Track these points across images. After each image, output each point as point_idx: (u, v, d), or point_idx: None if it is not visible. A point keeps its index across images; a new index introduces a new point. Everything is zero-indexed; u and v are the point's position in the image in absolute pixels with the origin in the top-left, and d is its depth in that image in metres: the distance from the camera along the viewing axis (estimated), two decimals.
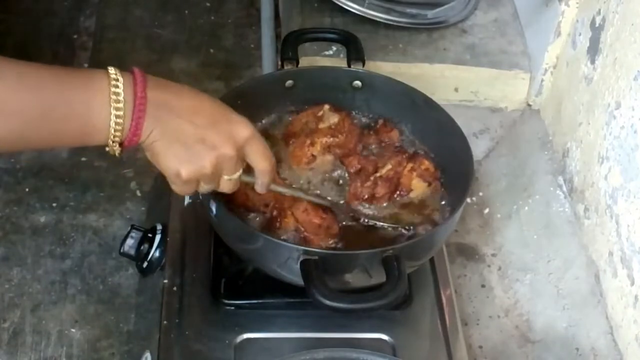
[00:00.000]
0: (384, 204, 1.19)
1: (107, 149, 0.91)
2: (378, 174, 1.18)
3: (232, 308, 1.17)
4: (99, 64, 1.83)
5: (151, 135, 0.91)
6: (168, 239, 1.25)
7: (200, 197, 1.16)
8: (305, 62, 1.43)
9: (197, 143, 0.93)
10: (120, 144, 0.91)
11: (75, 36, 1.91)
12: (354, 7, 1.66)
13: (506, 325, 1.36)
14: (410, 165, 1.20)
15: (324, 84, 1.24)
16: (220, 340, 1.13)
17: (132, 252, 1.29)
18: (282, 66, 1.31)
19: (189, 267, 1.21)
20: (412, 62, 1.63)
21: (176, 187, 0.96)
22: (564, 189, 1.46)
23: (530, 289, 1.39)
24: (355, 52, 1.32)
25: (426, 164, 1.20)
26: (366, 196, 1.17)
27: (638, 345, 1.20)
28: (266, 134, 1.23)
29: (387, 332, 1.15)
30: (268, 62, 1.80)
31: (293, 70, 1.29)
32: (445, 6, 1.72)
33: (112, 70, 0.89)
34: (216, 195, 1.15)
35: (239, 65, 1.87)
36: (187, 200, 1.30)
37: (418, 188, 1.20)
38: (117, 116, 0.88)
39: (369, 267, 1.05)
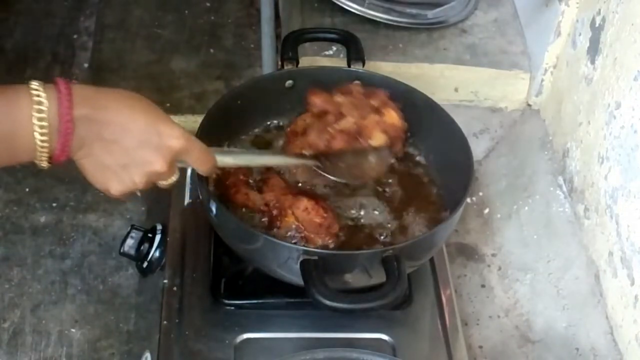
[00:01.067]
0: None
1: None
2: (338, 127, 1.14)
3: (232, 308, 1.17)
4: (99, 63, 1.84)
5: (79, 153, 0.90)
6: (168, 239, 1.25)
7: (200, 197, 1.16)
8: (305, 62, 1.43)
9: (126, 165, 0.92)
10: (49, 160, 0.89)
11: (75, 36, 1.91)
12: (354, 7, 1.66)
13: (506, 325, 1.36)
14: (375, 117, 1.15)
15: (324, 84, 1.24)
16: (220, 340, 1.13)
17: (132, 252, 1.30)
18: (282, 66, 1.31)
19: (189, 267, 1.21)
20: (412, 62, 1.63)
21: (110, 197, 0.96)
22: (564, 189, 1.46)
23: (530, 289, 1.39)
24: (355, 52, 1.32)
25: (393, 116, 1.15)
26: (322, 148, 1.14)
27: (638, 345, 1.20)
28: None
29: (387, 332, 1.15)
30: (268, 62, 1.80)
31: (293, 70, 1.29)
32: (445, 6, 1.72)
33: (34, 85, 0.85)
34: (216, 195, 1.16)
35: (239, 65, 1.87)
36: (187, 200, 1.30)
37: (379, 139, 1.15)
38: (42, 140, 0.86)
39: (368, 267, 1.05)
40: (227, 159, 1.06)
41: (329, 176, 1.14)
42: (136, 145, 0.91)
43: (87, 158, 0.91)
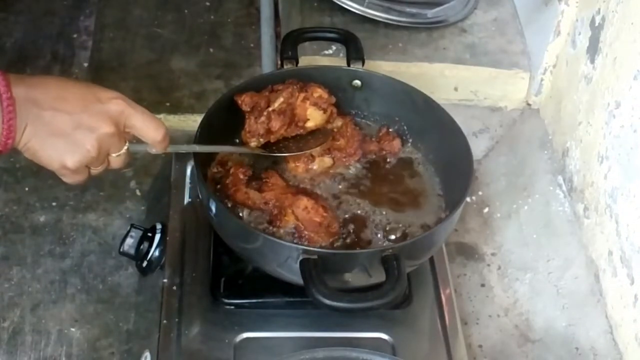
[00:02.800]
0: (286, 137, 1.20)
1: None
2: (271, 108, 1.18)
3: (232, 307, 1.17)
4: (98, 63, 1.84)
5: (25, 134, 0.90)
6: (168, 238, 1.25)
7: (200, 196, 1.16)
8: (305, 61, 1.43)
9: (73, 131, 0.91)
10: None
11: (74, 35, 1.91)
12: (354, 7, 1.66)
13: (506, 324, 1.36)
14: (302, 95, 1.20)
15: (324, 83, 1.24)
16: (220, 340, 1.13)
17: (132, 251, 1.29)
18: (282, 65, 1.31)
19: (188, 266, 1.21)
20: (412, 62, 1.63)
21: (67, 179, 0.96)
22: (564, 188, 1.46)
23: (529, 288, 1.39)
24: (354, 52, 1.32)
25: (319, 91, 1.21)
26: (262, 132, 1.18)
27: (638, 345, 1.20)
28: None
29: (387, 331, 1.15)
30: (268, 62, 1.80)
31: (293, 69, 1.29)
32: (445, 5, 1.72)
33: None
34: (216, 194, 1.16)
35: (238, 65, 1.87)
36: (186, 200, 1.30)
37: (314, 117, 1.21)
38: None
39: (368, 266, 1.05)
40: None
41: (272, 154, 1.20)
42: (79, 110, 0.92)
43: (34, 139, 0.91)
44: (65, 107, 0.91)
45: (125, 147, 0.97)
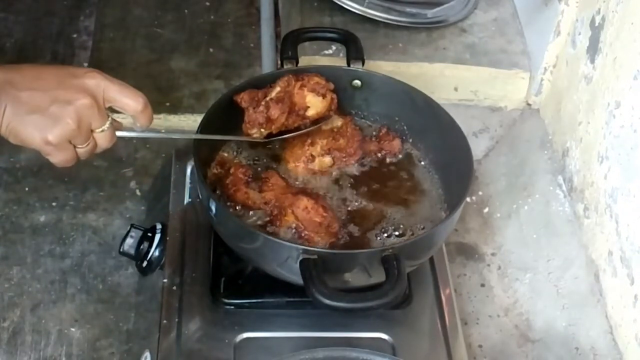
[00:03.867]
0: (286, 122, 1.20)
1: None
2: (268, 97, 1.18)
3: (232, 307, 1.17)
4: (98, 63, 1.84)
5: (5, 116, 0.91)
6: (168, 238, 1.25)
7: (200, 196, 1.16)
8: (304, 61, 1.43)
9: (50, 105, 0.92)
10: None
11: (74, 35, 1.91)
12: (354, 7, 1.66)
13: (506, 324, 1.36)
14: (299, 82, 1.21)
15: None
16: (220, 340, 1.13)
17: (132, 251, 1.29)
18: (282, 65, 1.31)
19: (188, 266, 1.21)
20: (412, 62, 1.63)
21: (53, 157, 0.96)
22: (564, 188, 1.46)
23: (529, 288, 1.39)
24: (354, 52, 1.32)
25: (315, 78, 1.21)
26: (262, 120, 1.18)
27: (638, 345, 1.20)
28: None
29: (387, 331, 1.15)
30: (268, 62, 1.80)
31: (293, 69, 1.29)
32: (445, 5, 1.73)
33: None
34: (216, 194, 1.16)
35: (238, 65, 1.87)
36: (186, 200, 1.30)
37: (314, 104, 1.21)
38: None
39: (368, 266, 1.05)
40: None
41: (274, 139, 1.20)
42: (55, 86, 0.93)
43: (14, 119, 0.92)
44: (41, 85, 0.93)
45: (108, 122, 0.97)
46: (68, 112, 0.93)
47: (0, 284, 1.43)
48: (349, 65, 1.31)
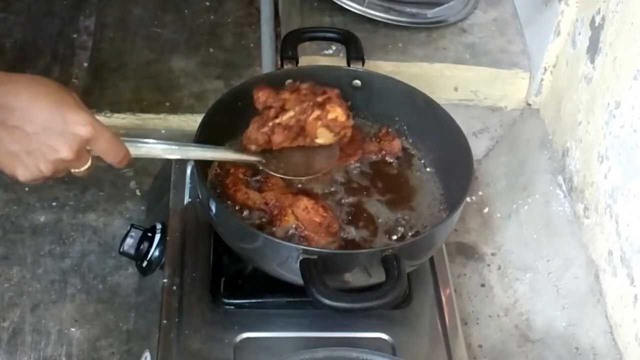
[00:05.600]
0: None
1: None
2: (277, 121, 1.12)
3: (232, 307, 1.17)
4: (98, 63, 1.84)
5: None
6: (168, 238, 1.25)
7: (200, 196, 1.16)
8: (305, 61, 1.43)
9: (29, 152, 0.91)
10: None
11: (74, 35, 1.91)
12: (354, 7, 1.66)
13: (506, 324, 1.36)
14: (317, 113, 1.12)
15: (324, 83, 1.24)
16: (220, 340, 1.13)
17: (132, 251, 1.29)
18: (282, 65, 1.31)
19: (188, 266, 1.21)
20: (412, 62, 1.63)
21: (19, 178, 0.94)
22: (564, 188, 1.46)
23: (529, 288, 1.39)
24: (354, 51, 1.32)
25: (337, 112, 1.12)
26: (261, 142, 1.13)
27: (638, 345, 1.20)
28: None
29: (387, 331, 1.15)
30: (268, 62, 1.80)
31: (293, 69, 1.29)
32: (445, 5, 1.73)
33: None
34: (216, 194, 1.16)
35: (238, 65, 1.87)
36: (186, 200, 1.30)
37: (324, 137, 1.14)
38: None
39: (368, 266, 1.05)
40: (156, 151, 1.04)
41: (272, 173, 1.13)
42: (39, 131, 0.90)
43: None
44: (26, 126, 0.89)
45: (88, 164, 0.95)
46: (44, 163, 0.91)
47: (0, 284, 1.43)
48: (349, 65, 1.31)
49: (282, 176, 1.14)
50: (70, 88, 0.96)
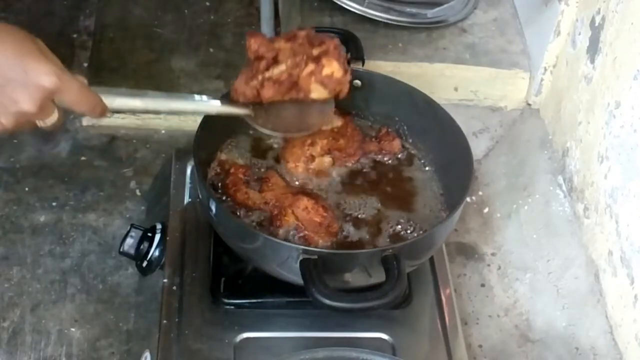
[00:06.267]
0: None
1: None
2: (267, 74, 1.03)
3: (232, 307, 1.17)
4: (98, 63, 1.84)
5: None
6: (168, 238, 1.25)
7: (200, 196, 1.16)
8: None
9: None
10: None
11: (74, 35, 1.91)
12: (354, 7, 1.66)
13: (506, 324, 1.36)
14: (310, 67, 1.04)
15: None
16: (220, 340, 1.13)
17: (132, 251, 1.29)
18: None
19: (188, 266, 1.21)
20: (412, 61, 1.63)
21: None
22: (564, 188, 1.46)
23: (529, 288, 1.39)
24: (355, 51, 1.32)
25: (333, 67, 1.04)
26: (250, 96, 1.06)
27: (638, 345, 1.20)
28: None
29: (387, 331, 1.15)
30: None
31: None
32: (445, 5, 1.73)
33: None
34: (216, 194, 1.16)
35: (238, 65, 1.85)
36: (186, 200, 1.30)
37: (319, 92, 1.07)
38: None
39: (368, 266, 1.05)
40: (134, 102, 0.97)
41: (261, 128, 1.06)
42: (1, 82, 0.86)
43: None
44: None
45: (54, 117, 0.91)
46: (5, 115, 0.87)
47: (0, 284, 1.43)
48: (349, 65, 1.31)
49: (271, 132, 1.08)
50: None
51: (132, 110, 0.99)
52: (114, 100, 0.95)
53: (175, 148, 1.40)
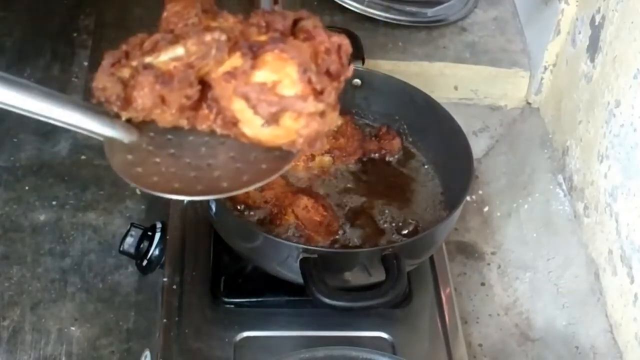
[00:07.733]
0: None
1: None
2: (146, 60, 0.66)
3: (232, 306, 1.17)
4: (99, 62, 1.83)
5: None
6: (168, 237, 1.25)
7: None
8: None
9: None
10: None
11: (75, 34, 1.91)
12: (354, 6, 1.66)
13: (506, 323, 1.36)
14: (234, 62, 0.63)
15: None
16: (220, 339, 1.13)
17: (132, 250, 1.29)
18: None
19: (188, 265, 1.21)
20: (412, 60, 1.63)
21: None
22: (564, 187, 1.46)
23: (530, 287, 1.39)
24: (354, 50, 1.30)
25: (283, 72, 0.64)
26: (114, 97, 0.69)
27: (638, 344, 1.20)
28: None
29: (387, 330, 1.15)
30: None
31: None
32: (445, 4, 1.73)
33: None
34: None
35: None
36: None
37: (249, 122, 0.65)
38: None
39: (368, 265, 1.05)
40: None
41: (131, 182, 0.64)
42: None
43: None
44: None
45: None
46: None
47: (0, 282, 1.43)
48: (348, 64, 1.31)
49: (151, 191, 0.63)
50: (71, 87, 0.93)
51: None
52: None
53: None
